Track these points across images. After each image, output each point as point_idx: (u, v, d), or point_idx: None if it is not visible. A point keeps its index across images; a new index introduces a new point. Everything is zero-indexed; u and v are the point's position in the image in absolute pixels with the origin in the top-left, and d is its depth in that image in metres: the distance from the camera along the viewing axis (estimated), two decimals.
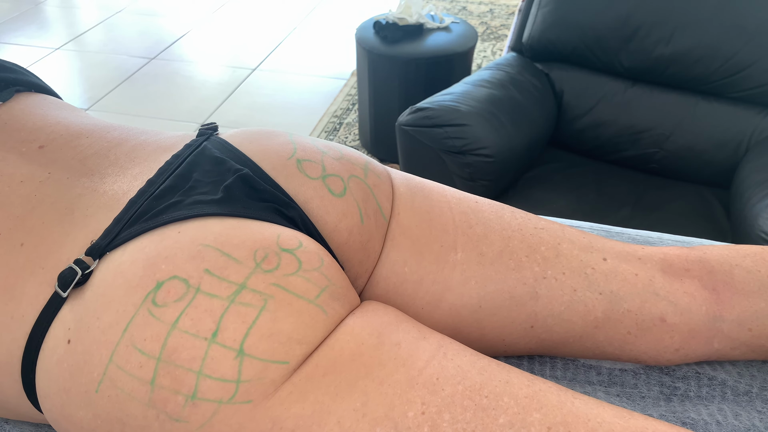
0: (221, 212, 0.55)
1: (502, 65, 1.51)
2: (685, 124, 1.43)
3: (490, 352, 0.68)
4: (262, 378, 0.47)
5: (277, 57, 2.85)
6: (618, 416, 0.48)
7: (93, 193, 0.58)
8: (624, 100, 1.47)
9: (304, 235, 0.56)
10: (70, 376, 0.50)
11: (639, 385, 0.69)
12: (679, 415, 0.65)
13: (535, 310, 0.65)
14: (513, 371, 0.51)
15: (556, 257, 0.66)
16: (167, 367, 0.47)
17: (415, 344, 0.52)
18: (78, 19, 3.23)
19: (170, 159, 0.60)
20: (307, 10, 3.30)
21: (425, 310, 0.65)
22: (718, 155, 1.42)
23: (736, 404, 0.67)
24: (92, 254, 0.53)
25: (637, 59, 1.42)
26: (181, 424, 0.47)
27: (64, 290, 0.51)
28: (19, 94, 0.68)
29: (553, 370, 0.71)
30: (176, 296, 0.48)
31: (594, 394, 0.68)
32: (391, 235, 0.65)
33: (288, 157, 0.62)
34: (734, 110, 1.40)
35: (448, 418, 0.46)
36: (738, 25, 1.33)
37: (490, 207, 0.69)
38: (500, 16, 3.20)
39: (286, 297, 0.50)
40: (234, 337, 0.47)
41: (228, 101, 2.50)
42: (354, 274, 0.63)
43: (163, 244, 0.51)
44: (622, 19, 1.39)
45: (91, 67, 2.78)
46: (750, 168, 1.32)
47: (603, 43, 1.43)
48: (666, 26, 1.37)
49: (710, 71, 1.37)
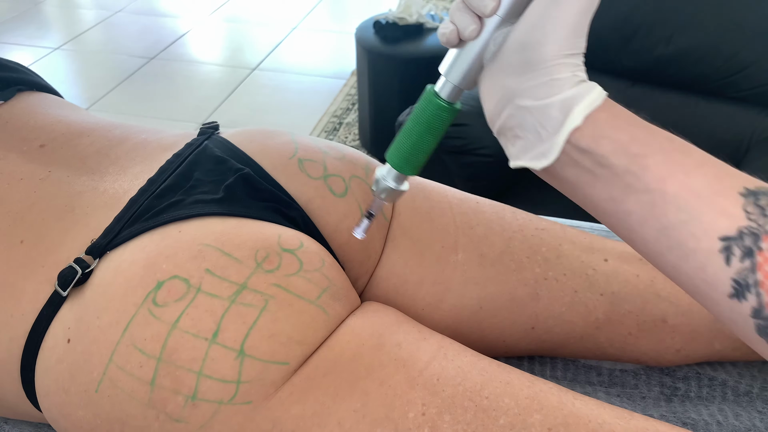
0: (222, 212, 0.54)
1: None
2: (686, 124, 1.43)
3: (491, 353, 0.68)
4: (263, 379, 0.47)
5: (277, 57, 2.84)
6: (618, 417, 0.48)
7: (93, 191, 0.58)
8: (624, 100, 1.45)
9: (305, 236, 0.56)
10: (69, 376, 0.50)
11: (639, 386, 0.69)
12: (680, 415, 0.65)
13: (535, 311, 0.65)
14: (513, 372, 0.51)
15: (557, 258, 0.65)
16: (167, 368, 0.47)
17: (415, 345, 0.52)
18: (77, 18, 3.23)
19: (171, 158, 0.60)
20: (307, 9, 3.30)
21: (426, 311, 0.65)
22: (719, 155, 1.41)
23: (736, 404, 0.67)
24: (92, 253, 0.52)
25: (637, 59, 1.42)
26: (181, 424, 0.47)
27: (64, 289, 0.51)
28: (20, 93, 0.68)
29: (553, 370, 0.71)
30: (177, 296, 0.48)
31: (594, 395, 0.68)
32: (391, 235, 0.65)
33: (289, 157, 0.62)
34: (734, 110, 1.40)
35: (449, 419, 0.46)
36: (738, 25, 1.33)
37: (491, 207, 0.69)
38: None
39: (286, 297, 0.50)
40: (234, 338, 0.47)
41: (228, 101, 2.50)
42: (355, 274, 0.63)
43: (163, 244, 0.51)
44: (622, 18, 1.39)
45: (90, 66, 2.78)
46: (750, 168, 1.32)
47: (603, 42, 1.43)
48: (666, 26, 1.37)
49: (710, 71, 1.37)
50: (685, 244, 0.35)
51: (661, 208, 0.36)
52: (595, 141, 0.37)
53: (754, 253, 0.33)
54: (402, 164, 0.44)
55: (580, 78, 0.38)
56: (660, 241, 0.36)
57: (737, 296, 0.34)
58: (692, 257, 0.35)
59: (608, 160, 0.37)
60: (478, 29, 0.39)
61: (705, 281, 0.35)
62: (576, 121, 0.37)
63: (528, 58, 0.38)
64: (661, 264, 0.38)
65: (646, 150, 0.36)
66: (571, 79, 0.38)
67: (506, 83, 0.39)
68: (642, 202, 0.36)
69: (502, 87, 0.39)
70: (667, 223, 0.36)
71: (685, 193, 0.35)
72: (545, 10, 0.37)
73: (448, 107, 0.42)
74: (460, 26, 0.39)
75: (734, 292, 0.34)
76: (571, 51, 0.38)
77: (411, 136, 0.43)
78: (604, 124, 0.37)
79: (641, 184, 0.36)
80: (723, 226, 0.34)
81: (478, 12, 0.39)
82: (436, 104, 0.42)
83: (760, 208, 0.34)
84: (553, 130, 0.37)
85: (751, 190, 0.35)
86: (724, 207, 0.34)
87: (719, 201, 0.35)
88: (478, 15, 0.39)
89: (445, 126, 0.43)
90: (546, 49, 0.37)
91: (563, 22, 0.37)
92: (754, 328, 0.34)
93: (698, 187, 0.35)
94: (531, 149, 0.39)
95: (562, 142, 0.37)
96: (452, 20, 0.39)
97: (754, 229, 0.33)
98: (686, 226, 0.35)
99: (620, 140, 0.37)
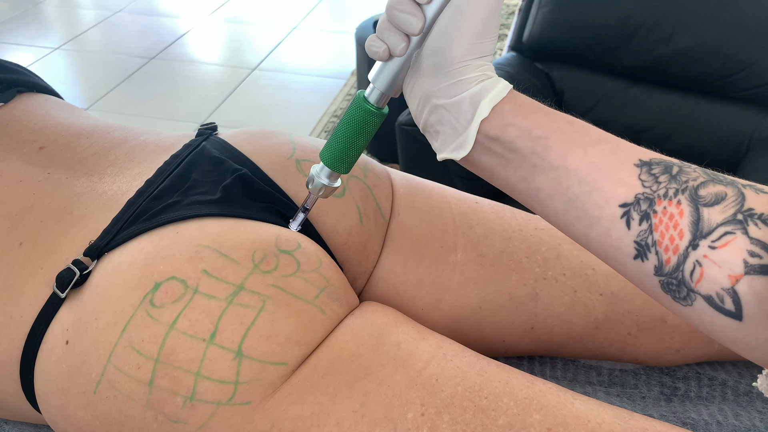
0: (220, 212, 0.54)
1: (502, 65, 1.51)
2: (686, 124, 1.43)
3: (490, 353, 0.68)
4: (261, 379, 0.47)
5: (277, 57, 2.84)
6: (618, 417, 0.48)
7: (92, 192, 0.58)
8: (624, 99, 1.47)
9: (303, 236, 0.56)
10: (68, 377, 0.50)
11: (639, 386, 0.69)
12: (680, 415, 0.65)
13: (535, 311, 0.65)
14: (513, 372, 0.51)
15: (557, 258, 0.65)
16: (165, 369, 0.47)
17: (414, 345, 0.51)
18: (77, 18, 3.23)
19: (169, 159, 0.60)
20: (307, 9, 3.30)
21: (425, 311, 0.64)
22: (719, 155, 1.42)
23: (736, 404, 0.67)
24: (90, 255, 0.52)
25: (637, 59, 1.42)
26: (179, 425, 0.47)
27: (63, 291, 0.51)
28: (20, 95, 0.68)
29: (553, 370, 0.71)
30: (174, 297, 0.48)
31: (594, 395, 0.68)
32: (390, 235, 0.65)
33: (287, 157, 0.62)
34: (735, 110, 1.40)
35: (448, 419, 0.46)
36: (738, 25, 1.33)
37: (490, 207, 0.69)
38: (500, 16, 3.20)
39: (284, 298, 0.50)
40: (232, 339, 0.47)
41: (227, 101, 2.50)
42: (353, 274, 0.63)
43: (161, 245, 0.51)
44: (623, 18, 1.39)
45: (90, 66, 2.78)
46: (751, 168, 1.32)
47: (603, 42, 1.42)
48: (666, 26, 1.37)
49: (710, 71, 1.37)
50: (590, 213, 0.39)
51: (565, 182, 0.40)
52: (502, 129, 0.41)
53: (650, 215, 0.37)
54: (335, 163, 0.48)
55: (488, 76, 0.42)
56: (568, 212, 0.40)
57: (640, 257, 0.37)
58: (597, 224, 0.39)
59: (515, 144, 0.41)
60: (406, 46, 0.43)
61: (611, 246, 0.39)
62: (484, 113, 0.41)
63: (439, 62, 0.42)
64: (574, 234, 0.41)
65: (548, 132, 0.40)
66: (479, 77, 0.42)
67: (424, 86, 0.44)
68: (549, 179, 0.40)
69: (421, 89, 0.44)
70: (572, 195, 0.40)
71: (585, 168, 0.39)
72: (451, 19, 0.41)
73: (376, 112, 0.46)
74: (391, 45, 0.43)
75: (637, 254, 0.38)
76: (477, 54, 0.42)
77: (342, 137, 0.47)
78: (509, 113, 0.41)
79: (546, 163, 0.40)
80: (621, 194, 0.38)
81: (406, 31, 0.42)
82: (364, 109, 0.46)
83: (653, 176, 0.38)
84: (466, 122, 0.42)
85: (644, 161, 0.39)
86: (620, 177, 0.38)
87: (616, 172, 0.38)
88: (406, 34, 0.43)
89: (374, 128, 0.47)
90: (453, 54, 0.42)
91: (467, 30, 0.41)
92: (659, 285, 0.37)
93: (596, 161, 0.39)
94: (450, 142, 0.43)
95: (474, 132, 0.42)
96: (382, 39, 0.43)
97: (649, 194, 0.37)
98: (589, 196, 0.39)
99: (523, 126, 0.41)
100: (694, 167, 0.38)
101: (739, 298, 0.33)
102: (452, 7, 0.41)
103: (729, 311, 0.34)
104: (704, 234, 0.34)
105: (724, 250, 0.34)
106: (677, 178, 0.37)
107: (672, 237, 0.36)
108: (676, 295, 0.36)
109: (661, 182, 0.37)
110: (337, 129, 0.47)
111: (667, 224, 0.36)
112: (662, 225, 0.36)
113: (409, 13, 0.41)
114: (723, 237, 0.34)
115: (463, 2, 0.41)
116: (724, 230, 0.34)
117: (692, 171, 0.37)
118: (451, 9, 0.41)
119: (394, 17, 0.42)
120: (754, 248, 0.33)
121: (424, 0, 0.41)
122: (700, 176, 0.37)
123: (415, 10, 0.42)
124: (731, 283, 0.33)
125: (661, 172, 0.38)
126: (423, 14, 0.42)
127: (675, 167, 0.38)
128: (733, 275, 0.33)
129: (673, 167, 0.38)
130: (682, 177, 0.37)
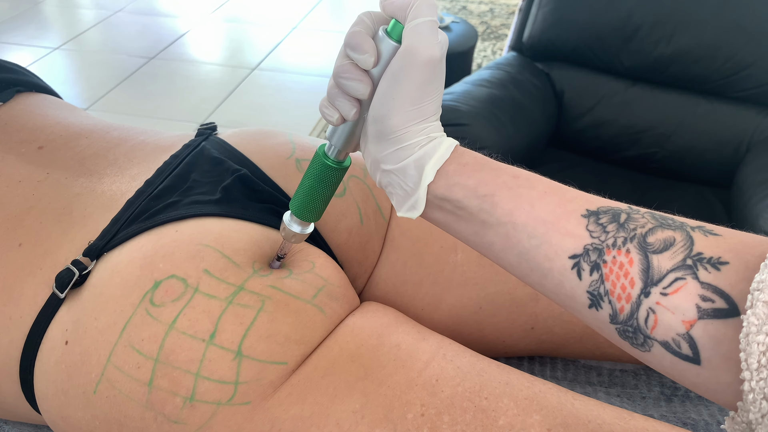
0: (219, 212, 0.54)
1: (503, 65, 1.51)
2: (686, 124, 1.43)
3: (490, 353, 0.68)
4: (261, 379, 0.47)
5: (277, 57, 2.84)
6: (618, 417, 0.48)
7: (91, 192, 0.58)
8: (624, 99, 1.47)
9: None
10: (68, 378, 0.50)
11: (639, 386, 0.69)
12: (680, 415, 0.65)
13: (535, 311, 0.65)
14: (513, 372, 0.51)
15: None
16: (165, 369, 0.47)
17: (414, 345, 0.51)
18: (77, 18, 3.23)
19: (168, 159, 0.60)
20: (307, 9, 3.30)
21: (425, 311, 0.64)
22: (719, 155, 1.42)
23: None
24: (90, 255, 0.52)
25: (637, 59, 1.42)
26: (179, 425, 0.47)
27: (62, 291, 0.51)
28: (19, 95, 0.68)
29: (553, 370, 0.71)
30: (174, 295, 0.48)
31: (594, 395, 0.68)
32: (390, 235, 0.65)
33: (287, 157, 0.62)
34: (735, 110, 1.40)
35: (448, 419, 0.46)
36: (738, 25, 1.33)
37: None
38: (500, 16, 3.20)
39: (282, 298, 0.50)
40: (232, 339, 0.47)
41: (227, 101, 2.50)
42: (353, 274, 0.63)
43: (160, 243, 0.51)
44: (623, 18, 1.39)
45: (90, 66, 2.78)
46: (751, 168, 1.32)
47: (603, 42, 1.42)
48: (666, 26, 1.37)
49: (710, 71, 1.37)
50: (542, 266, 0.39)
51: (515, 237, 0.40)
52: (448, 189, 0.42)
53: (600, 266, 0.37)
54: (303, 213, 0.49)
55: (431, 138, 0.42)
56: (521, 264, 0.41)
57: (594, 306, 0.37)
58: (550, 276, 0.39)
59: (462, 203, 0.42)
60: (358, 111, 0.43)
61: (566, 295, 0.39)
62: (429, 177, 0.42)
63: (381, 129, 0.42)
64: (530, 283, 0.42)
65: (494, 189, 0.41)
66: (420, 141, 0.42)
67: (371, 150, 0.44)
68: (499, 234, 0.41)
69: (370, 153, 0.45)
70: (523, 249, 0.40)
71: (532, 222, 0.39)
72: (388, 88, 0.41)
73: (336, 166, 0.47)
74: (343, 112, 0.43)
75: (591, 303, 0.38)
76: (418, 119, 0.42)
77: (307, 190, 0.48)
78: (454, 173, 0.42)
79: (494, 219, 0.41)
80: (570, 246, 0.38)
81: (356, 96, 0.43)
82: (323, 164, 0.47)
83: (601, 226, 0.38)
84: (414, 185, 0.43)
85: (592, 210, 0.39)
86: (568, 229, 0.38)
87: (563, 224, 0.39)
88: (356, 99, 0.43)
89: (336, 181, 0.48)
90: (393, 122, 0.42)
91: (404, 97, 0.41)
92: (616, 332, 0.37)
93: (543, 214, 0.39)
94: (404, 202, 0.44)
95: (423, 195, 0.42)
96: (335, 105, 0.44)
97: (597, 245, 0.37)
98: (539, 249, 0.39)
99: (469, 185, 0.41)
100: (642, 212, 0.38)
101: (696, 342, 0.33)
102: (388, 74, 0.41)
103: (687, 356, 0.34)
104: (655, 281, 0.35)
105: (675, 296, 0.34)
106: (625, 226, 0.37)
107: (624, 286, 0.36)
108: (633, 341, 0.37)
109: (609, 231, 0.37)
110: (302, 181, 0.49)
111: (617, 273, 0.36)
112: (613, 274, 0.36)
113: (357, 80, 0.42)
114: (674, 283, 0.34)
115: (397, 70, 0.40)
116: (675, 276, 0.34)
117: (640, 217, 0.37)
118: (387, 76, 0.41)
119: (342, 85, 0.42)
120: (706, 292, 0.33)
121: (369, 65, 0.41)
122: (648, 222, 0.37)
123: (361, 77, 0.42)
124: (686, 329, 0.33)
125: (609, 221, 0.38)
126: (370, 79, 0.42)
127: (623, 215, 0.38)
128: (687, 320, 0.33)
129: (621, 215, 0.38)
130: (630, 225, 0.37)
